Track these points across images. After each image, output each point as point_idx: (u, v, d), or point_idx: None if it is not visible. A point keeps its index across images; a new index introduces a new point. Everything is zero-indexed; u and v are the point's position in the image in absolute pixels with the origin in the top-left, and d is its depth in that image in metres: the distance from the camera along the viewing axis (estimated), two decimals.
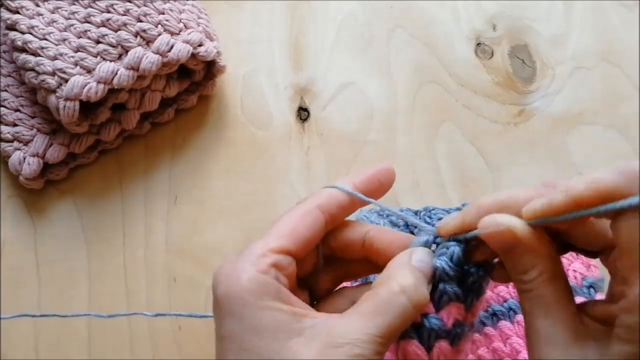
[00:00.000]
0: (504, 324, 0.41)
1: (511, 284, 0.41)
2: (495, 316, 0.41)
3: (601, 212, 0.26)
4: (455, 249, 0.31)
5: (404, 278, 0.30)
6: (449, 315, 0.31)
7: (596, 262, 0.42)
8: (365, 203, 0.34)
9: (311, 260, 0.34)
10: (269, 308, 0.29)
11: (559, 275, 0.29)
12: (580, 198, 0.27)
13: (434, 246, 0.32)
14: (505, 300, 0.42)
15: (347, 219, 0.35)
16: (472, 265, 0.31)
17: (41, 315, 0.39)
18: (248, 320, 0.29)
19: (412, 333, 0.31)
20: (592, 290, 0.41)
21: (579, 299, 0.40)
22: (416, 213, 0.43)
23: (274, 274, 0.30)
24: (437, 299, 0.31)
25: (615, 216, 0.26)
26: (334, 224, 0.34)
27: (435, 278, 0.31)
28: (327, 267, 0.35)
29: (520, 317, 0.41)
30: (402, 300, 0.29)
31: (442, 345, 0.31)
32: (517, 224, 0.28)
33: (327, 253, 0.35)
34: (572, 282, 0.42)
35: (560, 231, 0.30)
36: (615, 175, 0.26)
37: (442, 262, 0.31)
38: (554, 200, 0.27)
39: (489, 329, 0.41)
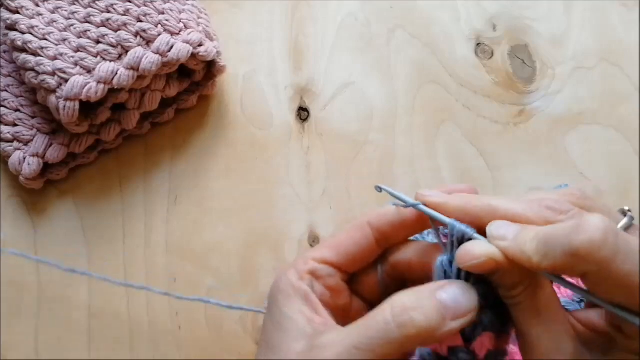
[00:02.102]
0: (512, 348, 0.39)
1: None
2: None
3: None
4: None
5: (401, 298, 0.29)
6: (482, 346, 0.29)
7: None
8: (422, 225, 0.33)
9: (372, 281, 0.34)
10: (291, 308, 0.31)
11: (545, 284, 0.29)
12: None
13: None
14: None
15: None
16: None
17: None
18: (274, 314, 0.32)
19: None
20: (582, 303, 0.40)
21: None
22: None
23: (309, 280, 0.32)
24: (470, 331, 0.29)
25: None
26: (388, 241, 0.34)
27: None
28: (392, 288, 0.34)
29: None
30: (386, 318, 0.28)
31: None
32: (497, 254, 0.28)
33: (392, 275, 0.34)
34: (562, 295, 0.41)
35: None
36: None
37: (486, 318, 0.30)
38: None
39: (511, 348, 0.39)
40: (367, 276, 0.34)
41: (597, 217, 0.26)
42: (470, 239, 0.29)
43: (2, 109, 0.47)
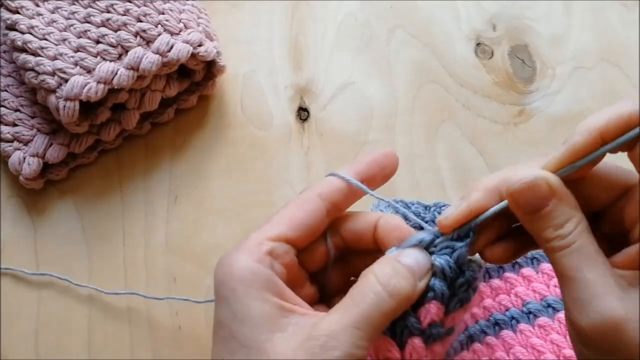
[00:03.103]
0: (506, 333, 0.40)
1: (512, 292, 0.41)
2: (497, 325, 0.40)
3: (622, 143, 0.26)
4: (462, 249, 0.31)
5: (380, 269, 0.30)
6: (427, 313, 0.30)
7: (556, 282, 0.40)
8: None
9: (320, 253, 0.34)
10: (257, 298, 0.29)
11: (589, 227, 0.28)
12: (601, 132, 0.26)
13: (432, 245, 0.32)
14: (507, 309, 0.41)
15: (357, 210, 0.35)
16: (464, 267, 0.31)
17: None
18: (236, 308, 0.29)
19: (385, 329, 0.30)
20: (550, 309, 0.40)
21: (544, 320, 0.39)
22: (426, 208, 0.43)
23: (269, 262, 0.30)
24: (422, 294, 0.30)
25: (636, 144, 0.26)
26: (338, 212, 0.34)
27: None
28: (339, 262, 0.35)
29: (523, 326, 0.40)
30: (376, 289, 0.29)
31: (415, 342, 0.30)
32: (550, 175, 0.28)
33: (340, 246, 0.34)
34: (532, 300, 0.41)
35: (579, 185, 0.29)
36: (631, 103, 0.26)
37: (443, 262, 0.31)
38: (576, 142, 0.27)
39: (490, 339, 0.40)
40: (315, 248, 0.34)
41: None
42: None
43: (2, 109, 0.47)
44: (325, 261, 0.34)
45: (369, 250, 0.34)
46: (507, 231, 0.32)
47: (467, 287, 0.31)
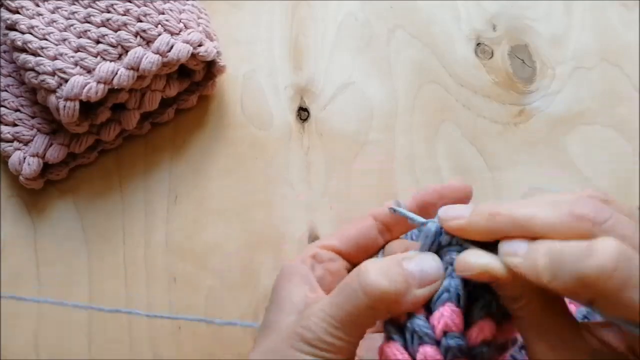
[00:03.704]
0: None
1: None
2: (524, 349, 0.36)
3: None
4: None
5: (366, 264, 0.30)
6: (439, 319, 0.28)
7: None
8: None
9: None
10: (289, 288, 0.32)
11: (555, 299, 0.28)
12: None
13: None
14: None
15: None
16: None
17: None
18: (274, 295, 0.33)
19: (394, 334, 0.29)
20: (586, 319, 0.38)
21: None
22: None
23: (310, 263, 0.34)
24: (435, 299, 0.29)
25: None
26: (391, 233, 0.35)
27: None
28: None
29: None
30: (353, 284, 0.29)
31: (428, 351, 0.28)
32: (494, 265, 0.27)
33: None
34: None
35: None
36: None
37: (454, 256, 0.29)
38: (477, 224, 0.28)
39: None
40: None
41: (611, 241, 0.24)
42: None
43: (2, 109, 0.47)
44: None
45: None
46: None
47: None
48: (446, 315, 0.28)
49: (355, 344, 0.29)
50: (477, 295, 0.29)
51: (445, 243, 0.30)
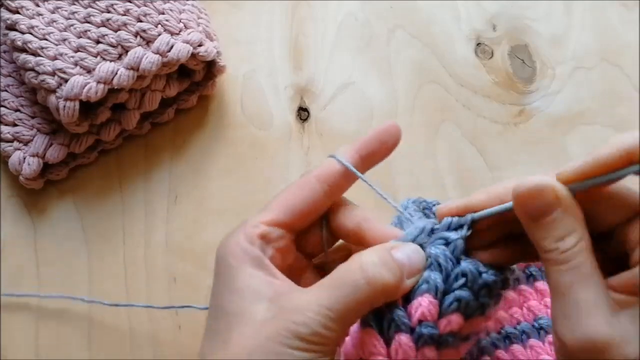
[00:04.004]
0: (517, 347, 0.38)
1: (525, 305, 0.40)
2: (508, 339, 0.39)
3: (630, 172, 0.26)
4: (459, 241, 0.30)
5: (367, 255, 0.30)
6: (417, 308, 0.29)
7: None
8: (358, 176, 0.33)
9: (318, 237, 0.34)
10: (247, 273, 0.30)
11: (591, 245, 0.28)
12: (631, 152, 0.26)
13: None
14: (519, 323, 0.39)
15: (352, 201, 0.35)
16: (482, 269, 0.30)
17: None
18: (227, 280, 0.31)
19: (372, 321, 0.29)
20: (542, 331, 0.39)
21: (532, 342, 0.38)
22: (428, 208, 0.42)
23: (259, 244, 0.32)
24: (415, 288, 0.29)
25: None
26: (338, 193, 0.34)
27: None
28: (333, 243, 0.35)
29: (533, 342, 0.38)
30: (356, 276, 0.29)
31: (402, 339, 0.29)
32: (559, 185, 0.27)
33: (335, 233, 0.35)
34: (544, 315, 0.39)
35: (587, 202, 0.29)
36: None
37: (439, 251, 0.30)
38: (601, 155, 0.27)
39: (501, 352, 0.38)
40: (312, 233, 0.34)
41: None
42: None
43: (2, 109, 0.47)
44: (322, 243, 0.35)
45: (352, 243, 0.34)
46: (503, 239, 0.32)
47: (487, 292, 0.30)
48: (424, 305, 0.29)
49: (345, 335, 0.30)
50: (451, 289, 0.30)
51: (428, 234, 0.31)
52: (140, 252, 0.47)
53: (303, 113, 0.51)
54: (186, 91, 0.50)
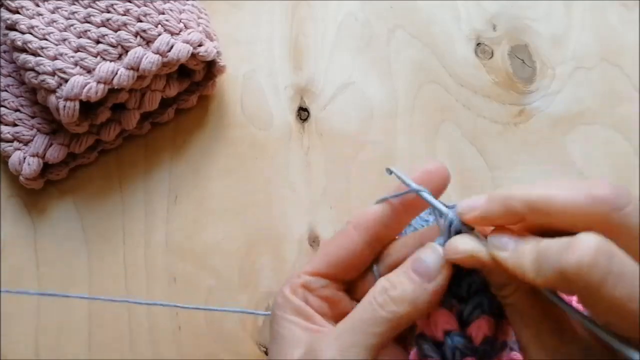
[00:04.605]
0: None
1: None
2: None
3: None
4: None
5: (380, 280, 0.30)
6: (478, 330, 0.29)
7: None
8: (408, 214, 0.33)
9: (369, 282, 0.33)
10: (287, 320, 0.32)
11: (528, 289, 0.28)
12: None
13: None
14: None
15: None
16: None
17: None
18: (273, 329, 0.33)
19: (433, 353, 0.29)
20: (509, 350, 0.38)
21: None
22: None
23: (302, 294, 0.33)
24: (467, 313, 0.29)
25: None
26: (383, 239, 0.33)
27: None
28: None
29: None
30: (369, 301, 0.29)
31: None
32: (480, 250, 0.28)
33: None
34: None
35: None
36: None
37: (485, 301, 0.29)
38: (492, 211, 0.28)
39: (515, 354, 0.37)
40: (363, 281, 0.34)
41: (592, 236, 0.24)
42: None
43: (2, 109, 0.47)
44: None
45: None
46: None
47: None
48: (483, 328, 0.29)
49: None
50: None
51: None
52: (140, 252, 0.47)
53: (303, 113, 0.51)
54: (186, 91, 0.50)
